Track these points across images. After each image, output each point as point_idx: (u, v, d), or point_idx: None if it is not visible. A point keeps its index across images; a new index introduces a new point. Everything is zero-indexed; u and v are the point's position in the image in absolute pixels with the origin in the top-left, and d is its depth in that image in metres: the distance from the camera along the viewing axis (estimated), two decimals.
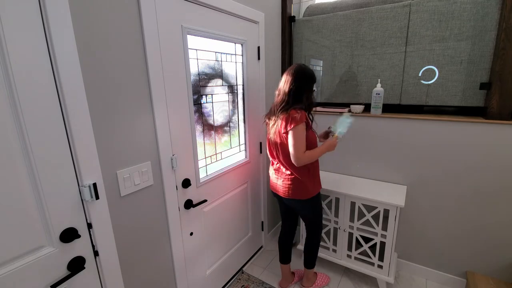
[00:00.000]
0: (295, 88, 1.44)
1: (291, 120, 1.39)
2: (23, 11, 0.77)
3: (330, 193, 1.87)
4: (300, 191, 1.54)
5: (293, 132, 1.39)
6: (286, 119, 1.41)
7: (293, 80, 1.44)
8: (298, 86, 1.44)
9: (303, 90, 1.46)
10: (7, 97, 0.76)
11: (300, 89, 1.45)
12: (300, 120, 1.39)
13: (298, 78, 1.45)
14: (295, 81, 1.44)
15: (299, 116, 1.39)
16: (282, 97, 1.47)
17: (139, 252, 1.24)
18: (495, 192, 1.63)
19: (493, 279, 1.71)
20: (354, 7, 1.94)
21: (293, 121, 1.39)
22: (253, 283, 1.95)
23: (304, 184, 1.53)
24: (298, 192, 1.55)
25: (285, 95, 1.45)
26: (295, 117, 1.39)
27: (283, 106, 1.45)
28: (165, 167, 1.29)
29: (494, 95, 1.52)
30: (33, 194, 0.85)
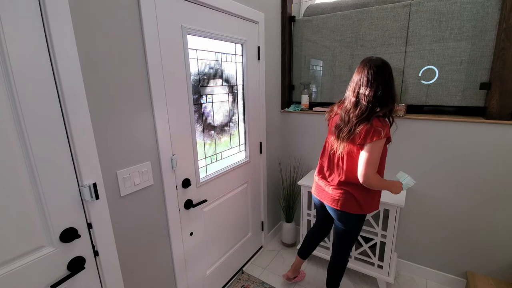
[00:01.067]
0: (382, 91, 1.20)
1: (373, 132, 1.19)
2: (23, 11, 0.77)
3: None
4: (351, 204, 1.38)
5: (371, 147, 1.20)
6: (368, 130, 1.20)
7: (377, 81, 1.20)
8: (384, 89, 1.20)
9: (390, 92, 1.22)
10: (7, 97, 0.76)
11: (388, 91, 1.21)
12: (385, 135, 1.20)
13: (383, 77, 1.20)
14: (381, 83, 1.20)
15: (384, 131, 1.19)
16: (363, 102, 1.22)
17: (139, 252, 1.24)
18: (495, 192, 1.63)
19: (493, 279, 1.71)
20: (354, 7, 1.94)
21: (375, 134, 1.19)
22: (253, 283, 1.95)
23: (355, 200, 1.37)
24: (346, 206, 1.39)
25: (366, 100, 1.21)
26: (379, 131, 1.19)
27: (365, 115, 1.21)
28: (165, 167, 1.29)
29: (494, 95, 1.52)
30: (33, 194, 0.85)
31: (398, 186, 1.38)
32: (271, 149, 2.23)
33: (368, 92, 1.21)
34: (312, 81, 2.23)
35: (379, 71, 1.21)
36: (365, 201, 1.38)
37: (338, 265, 1.59)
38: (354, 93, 1.27)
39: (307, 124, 2.20)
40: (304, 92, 2.18)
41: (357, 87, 1.26)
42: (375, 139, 1.19)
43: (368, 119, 1.21)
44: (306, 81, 2.23)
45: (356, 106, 1.25)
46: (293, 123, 2.27)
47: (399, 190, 1.39)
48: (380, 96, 1.21)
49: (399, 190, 1.39)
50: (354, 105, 1.26)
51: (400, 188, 1.39)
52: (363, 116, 1.22)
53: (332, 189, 1.44)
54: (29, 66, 0.79)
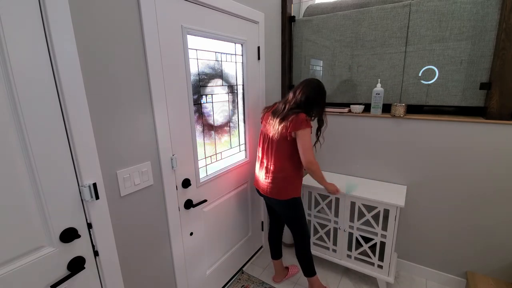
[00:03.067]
0: (311, 97, 1.49)
1: (302, 121, 1.42)
2: (23, 11, 0.77)
3: (335, 195, 1.86)
4: (279, 191, 1.56)
5: (305, 134, 1.42)
6: (296, 120, 1.42)
7: (311, 89, 1.50)
8: (314, 97, 1.50)
9: (315, 102, 1.51)
10: (7, 97, 0.76)
11: (313, 100, 1.50)
12: (310, 125, 1.44)
13: (315, 90, 1.51)
14: (312, 91, 1.50)
15: (309, 122, 1.45)
16: (296, 100, 1.50)
17: (139, 252, 1.24)
18: (495, 192, 1.63)
19: (493, 279, 1.71)
20: (354, 7, 1.94)
21: (304, 123, 1.42)
22: (253, 283, 1.95)
23: (284, 185, 1.54)
24: (277, 192, 1.56)
25: (298, 100, 1.49)
26: (307, 120, 1.44)
27: (294, 108, 1.47)
28: (165, 167, 1.29)
29: (494, 95, 1.52)
30: (33, 194, 0.85)
31: (334, 188, 1.67)
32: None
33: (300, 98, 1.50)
34: None
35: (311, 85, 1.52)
36: (292, 187, 1.55)
37: (300, 252, 1.71)
38: (291, 96, 1.54)
39: None
40: None
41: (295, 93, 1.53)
42: (306, 127, 1.42)
43: (297, 113, 1.44)
44: None
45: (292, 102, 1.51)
46: None
47: (334, 191, 1.68)
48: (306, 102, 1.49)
49: (334, 191, 1.68)
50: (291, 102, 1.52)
51: (336, 190, 1.68)
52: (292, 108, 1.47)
53: (263, 178, 1.60)
54: (29, 66, 0.79)
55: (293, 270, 2.02)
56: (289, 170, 1.53)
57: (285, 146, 1.50)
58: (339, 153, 2.08)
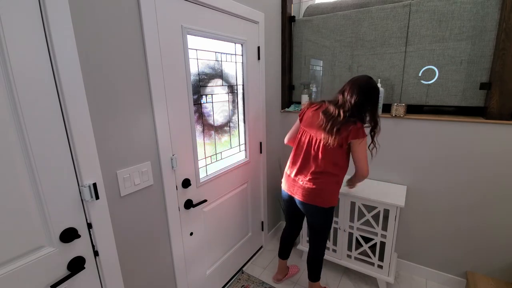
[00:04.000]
0: (361, 102, 1.37)
1: (359, 131, 1.36)
2: (23, 11, 0.77)
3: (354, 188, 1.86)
4: (322, 199, 1.48)
5: (363, 143, 1.39)
6: (355, 130, 1.35)
7: (360, 92, 1.37)
8: (363, 101, 1.37)
9: (367, 106, 1.40)
10: (7, 97, 0.76)
11: (364, 104, 1.38)
12: (365, 134, 1.39)
13: (364, 93, 1.37)
14: (362, 95, 1.37)
15: (364, 130, 1.39)
16: (349, 105, 1.38)
17: (139, 252, 1.24)
18: (495, 191, 1.63)
19: (493, 279, 1.71)
20: (354, 7, 1.94)
21: (361, 133, 1.36)
22: (253, 283, 1.95)
23: (329, 193, 1.48)
24: (319, 198, 1.48)
25: (351, 105, 1.37)
26: (363, 128, 1.38)
27: (349, 116, 1.36)
28: (165, 167, 1.29)
29: (494, 95, 1.52)
30: (33, 194, 0.85)
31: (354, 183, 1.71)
32: (271, 149, 2.23)
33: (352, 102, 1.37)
34: (312, 81, 2.22)
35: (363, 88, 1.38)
36: (335, 195, 1.52)
37: (315, 259, 1.67)
38: (344, 97, 1.41)
39: None
40: (304, 92, 2.18)
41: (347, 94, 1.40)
42: (365, 137, 1.38)
43: (354, 122, 1.36)
44: (306, 81, 2.23)
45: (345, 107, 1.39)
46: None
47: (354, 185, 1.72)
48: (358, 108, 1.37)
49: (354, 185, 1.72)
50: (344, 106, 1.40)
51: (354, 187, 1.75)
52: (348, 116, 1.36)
53: (304, 184, 1.51)
54: (29, 66, 0.79)
55: (293, 270, 2.02)
56: (338, 178, 1.48)
57: (338, 154, 1.43)
58: None
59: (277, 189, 2.42)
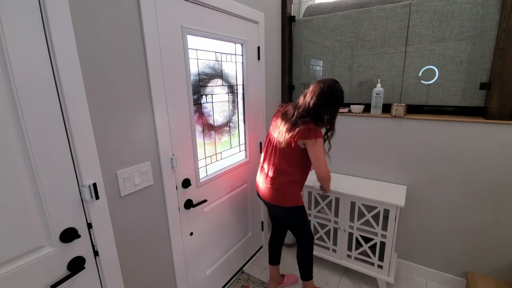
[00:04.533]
0: (319, 104, 1.36)
1: (310, 131, 1.34)
2: (23, 11, 0.77)
3: (330, 193, 1.87)
4: (282, 198, 1.49)
5: (316, 144, 1.36)
6: (304, 130, 1.34)
7: (320, 95, 1.36)
8: (322, 104, 1.36)
9: (326, 110, 1.39)
10: (7, 97, 0.76)
11: (323, 107, 1.37)
12: (320, 135, 1.38)
13: (325, 96, 1.36)
14: (321, 98, 1.36)
15: (318, 132, 1.37)
16: (305, 107, 1.39)
17: (139, 252, 1.24)
18: (495, 192, 1.63)
19: (493, 279, 1.71)
20: (354, 7, 1.94)
21: (312, 134, 1.35)
22: (253, 283, 1.95)
23: (287, 192, 1.48)
24: (280, 198, 1.50)
25: (309, 106, 1.38)
26: (316, 130, 1.36)
27: (304, 116, 1.37)
28: (165, 167, 1.29)
29: (494, 95, 1.52)
30: (33, 194, 0.85)
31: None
32: None
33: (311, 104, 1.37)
34: (312, 81, 2.22)
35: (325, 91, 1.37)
36: (296, 195, 1.50)
37: (302, 257, 1.67)
38: (304, 99, 1.42)
39: None
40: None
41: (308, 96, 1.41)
42: (318, 137, 1.36)
43: (306, 123, 1.35)
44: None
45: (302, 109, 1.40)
46: None
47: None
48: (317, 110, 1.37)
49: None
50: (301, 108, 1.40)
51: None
52: (302, 116, 1.37)
53: (266, 185, 1.53)
54: (29, 66, 0.79)
55: (290, 280, 1.94)
56: (292, 177, 1.47)
57: (290, 153, 1.43)
58: (339, 153, 2.08)
59: None
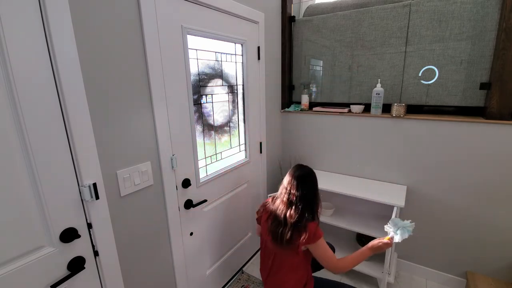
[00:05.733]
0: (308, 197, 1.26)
1: (314, 233, 1.21)
2: (23, 11, 0.77)
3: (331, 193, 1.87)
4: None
5: (321, 243, 1.23)
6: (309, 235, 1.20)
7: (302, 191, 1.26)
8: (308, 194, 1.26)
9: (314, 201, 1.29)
10: (7, 97, 0.76)
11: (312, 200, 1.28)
12: (321, 232, 1.25)
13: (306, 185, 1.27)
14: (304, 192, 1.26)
15: (319, 229, 1.25)
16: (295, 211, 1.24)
17: (139, 252, 1.24)
18: (495, 192, 1.63)
19: (493, 279, 1.71)
20: (354, 7, 1.94)
21: (317, 234, 1.22)
22: (253, 283, 1.95)
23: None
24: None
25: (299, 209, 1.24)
26: (317, 227, 1.24)
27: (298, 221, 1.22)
28: (165, 167, 1.29)
29: (494, 95, 1.52)
30: (33, 194, 0.85)
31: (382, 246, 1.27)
32: (271, 149, 2.23)
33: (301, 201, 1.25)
34: (312, 81, 2.23)
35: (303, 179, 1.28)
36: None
37: None
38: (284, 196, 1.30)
39: (307, 124, 2.20)
40: (304, 92, 2.18)
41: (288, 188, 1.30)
42: (320, 238, 1.23)
43: (304, 226, 1.22)
44: (306, 81, 2.23)
45: (289, 206, 1.27)
46: (293, 123, 2.27)
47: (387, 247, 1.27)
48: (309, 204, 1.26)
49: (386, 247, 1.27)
50: (287, 205, 1.27)
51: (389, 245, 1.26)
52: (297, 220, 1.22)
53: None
54: (29, 66, 0.79)
55: None
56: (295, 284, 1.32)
57: (294, 259, 1.29)
58: (339, 153, 2.08)
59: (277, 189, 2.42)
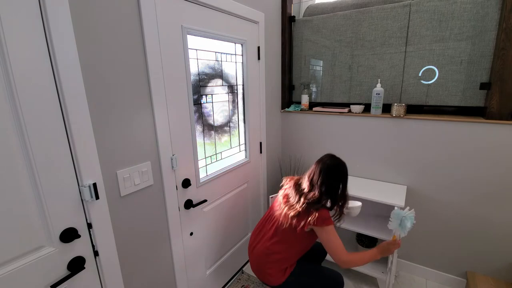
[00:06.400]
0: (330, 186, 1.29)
1: (324, 219, 1.24)
2: (23, 11, 0.77)
3: None
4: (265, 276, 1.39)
5: (329, 232, 1.25)
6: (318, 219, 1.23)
7: (327, 176, 1.30)
8: (332, 184, 1.30)
9: (338, 189, 1.32)
10: (7, 97, 0.76)
11: (334, 187, 1.31)
12: (332, 221, 1.28)
13: (332, 175, 1.30)
14: (329, 178, 1.30)
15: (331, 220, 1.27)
16: (314, 194, 1.29)
17: (139, 252, 1.24)
18: (495, 192, 1.63)
19: (493, 279, 1.71)
20: (354, 7, 1.94)
21: (326, 221, 1.25)
22: (253, 283, 1.95)
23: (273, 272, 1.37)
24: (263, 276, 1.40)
25: (318, 194, 1.29)
26: (330, 219, 1.27)
27: (315, 203, 1.27)
28: (165, 167, 1.29)
29: (494, 95, 1.52)
30: (33, 194, 0.85)
31: (390, 248, 1.32)
32: (271, 149, 2.23)
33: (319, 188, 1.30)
34: (312, 81, 2.23)
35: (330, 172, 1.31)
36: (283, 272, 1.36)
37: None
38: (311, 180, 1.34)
39: (307, 124, 2.20)
40: (304, 92, 2.18)
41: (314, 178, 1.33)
42: (330, 223, 1.25)
43: (317, 209, 1.26)
44: (306, 81, 2.23)
45: (310, 191, 1.32)
46: (293, 123, 2.28)
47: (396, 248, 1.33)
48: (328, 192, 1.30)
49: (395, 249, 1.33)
50: (309, 190, 1.32)
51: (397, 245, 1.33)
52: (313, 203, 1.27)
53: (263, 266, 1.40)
54: (29, 66, 0.79)
55: None
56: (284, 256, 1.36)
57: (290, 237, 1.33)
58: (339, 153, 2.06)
59: (277, 189, 2.42)
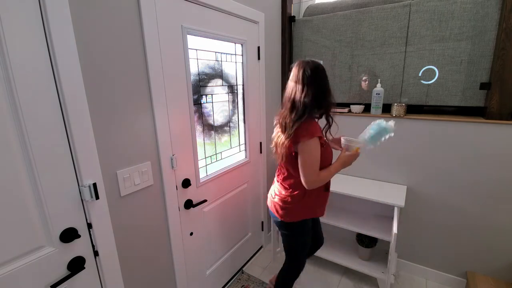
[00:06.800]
0: (313, 96, 1.16)
1: (302, 132, 1.15)
2: (23, 11, 0.77)
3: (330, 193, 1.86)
4: (279, 209, 1.35)
5: (304, 148, 1.15)
6: (296, 133, 1.16)
7: (307, 85, 1.16)
8: (316, 93, 1.17)
9: (323, 95, 1.19)
10: (7, 97, 0.76)
11: (319, 96, 1.18)
12: (314, 133, 1.15)
13: (313, 82, 1.16)
14: (310, 87, 1.16)
15: (312, 129, 1.16)
16: (299, 106, 1.17)
17: (139, 252, 1.24)
18: (495, 192, 1.63)
19: (493, 279, 1.71)
20: (354, 7, 1.94)
21: (304, 134, 1.14)
22: (253, 283, 1.95)
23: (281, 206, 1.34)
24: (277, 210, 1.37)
25: (302, 104, 1.16)
26: (308, 129, 1.15)
27: (298, 118, 1.16)
28: (165, 167, 1.29)
29: (494, 95, 1.52)
30: (33, 194, 0.85)
31: (348, 158, 1.27)
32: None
33: (303, 96, 1.16)
34: None
35: (313, 74, 1.17)
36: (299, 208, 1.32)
37: (283, 275, 1.52)
38: (290, 98, 1.21)
39: None
40: None
41: (293, 92, 1.21)
42: (306, 138, 1.14)
43: (300, 123, 1.16)
44: None
45: (292, 111, 1.19)
46: None
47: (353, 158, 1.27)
48: (315, 98, 1.17)
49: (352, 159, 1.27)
50: (290, 111, 1.20)
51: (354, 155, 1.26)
52: (300, 119, 1.16)
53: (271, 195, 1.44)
54: (29, 66, 0.79)
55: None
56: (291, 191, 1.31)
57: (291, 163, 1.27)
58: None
59: None
